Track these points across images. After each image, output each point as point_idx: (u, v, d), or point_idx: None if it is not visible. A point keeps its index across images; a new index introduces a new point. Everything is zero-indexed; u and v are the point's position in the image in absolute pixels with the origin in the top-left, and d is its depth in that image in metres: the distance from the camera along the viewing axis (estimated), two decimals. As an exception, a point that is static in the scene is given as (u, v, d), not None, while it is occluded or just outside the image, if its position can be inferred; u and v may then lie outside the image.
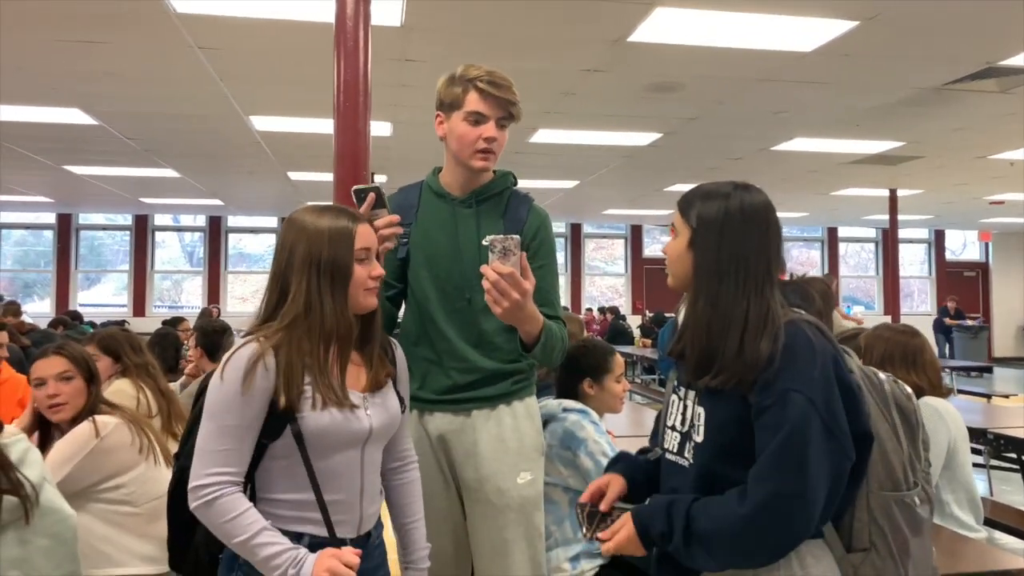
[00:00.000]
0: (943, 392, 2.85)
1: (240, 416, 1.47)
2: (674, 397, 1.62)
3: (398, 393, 1.71)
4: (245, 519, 1.46)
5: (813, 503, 1.36)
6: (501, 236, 1.69)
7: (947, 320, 15.12)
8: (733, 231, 1.50)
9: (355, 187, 1.84)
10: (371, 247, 1.61)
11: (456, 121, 1.99)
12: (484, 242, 1.73)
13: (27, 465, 1.66)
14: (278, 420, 1.49)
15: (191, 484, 1.47)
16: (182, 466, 1.79)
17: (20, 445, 1.70)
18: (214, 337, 3.89)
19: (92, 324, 9.55)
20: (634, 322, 14.48)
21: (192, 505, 1.47)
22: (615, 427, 2.61)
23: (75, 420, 2.43)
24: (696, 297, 1.52)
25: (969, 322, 15.30)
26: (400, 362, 1.76)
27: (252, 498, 1.53)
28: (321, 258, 1.54)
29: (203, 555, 1.71)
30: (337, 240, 1.55)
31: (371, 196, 1.83)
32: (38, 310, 13.91)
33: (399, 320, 2.17)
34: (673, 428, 1.60)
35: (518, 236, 1.70)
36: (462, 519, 2.08)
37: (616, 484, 1.65)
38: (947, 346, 15.04)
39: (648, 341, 12.41)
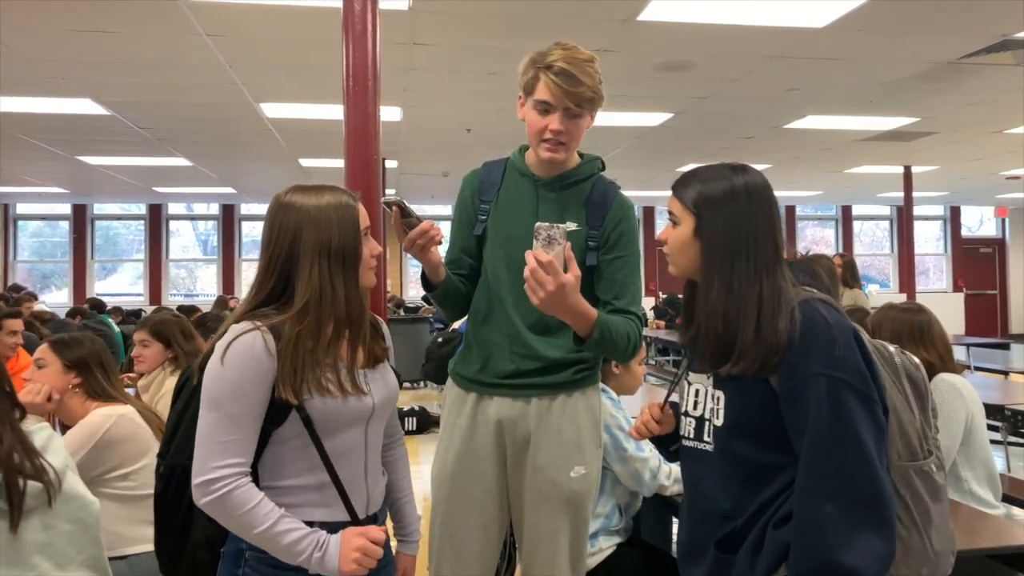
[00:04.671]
0: (956, 367, 2.83)
1: (245, 404, 1.43)
2: (685, 383, 1.61)
3: (393, 369, 1.68)
4: (261, 509, 1.42)
5: (881, 478, 1.35)
6: (547, 224, 1.61)
7: None
8: (740, 214, 1.48)
9: (384, 199, 1.86)
10: (369, 225, 1.59)
11: (528, 107, 1.93)
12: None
13: (51, 452, 1.69)
14: (283, 406, 1.45)
15: (197, 479, 1.41)
16: (171, 466, 1.72)
17: (44, 432, 1.72)
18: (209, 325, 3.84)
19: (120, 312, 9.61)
20: (647, 303, 14.45)
21: (202, 501, 1.42)
22: (630, 409, 2.62)
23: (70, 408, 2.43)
24: (709, 285, 1.49)
25: None
26: (389, 339, 1.72)
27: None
28: (331, 243, 1.49)
29: (202, 555, 1.65)
30: (345, 223, 1.52)
31: (396, 209, 1.82)
32: (56, 300, 13.99)
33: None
34: (687, 414, 1.59)
35: (564, 227, 1.63)
36: (507, 506, 2.04)
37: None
38: None
39: (662, 323, 12.40)
